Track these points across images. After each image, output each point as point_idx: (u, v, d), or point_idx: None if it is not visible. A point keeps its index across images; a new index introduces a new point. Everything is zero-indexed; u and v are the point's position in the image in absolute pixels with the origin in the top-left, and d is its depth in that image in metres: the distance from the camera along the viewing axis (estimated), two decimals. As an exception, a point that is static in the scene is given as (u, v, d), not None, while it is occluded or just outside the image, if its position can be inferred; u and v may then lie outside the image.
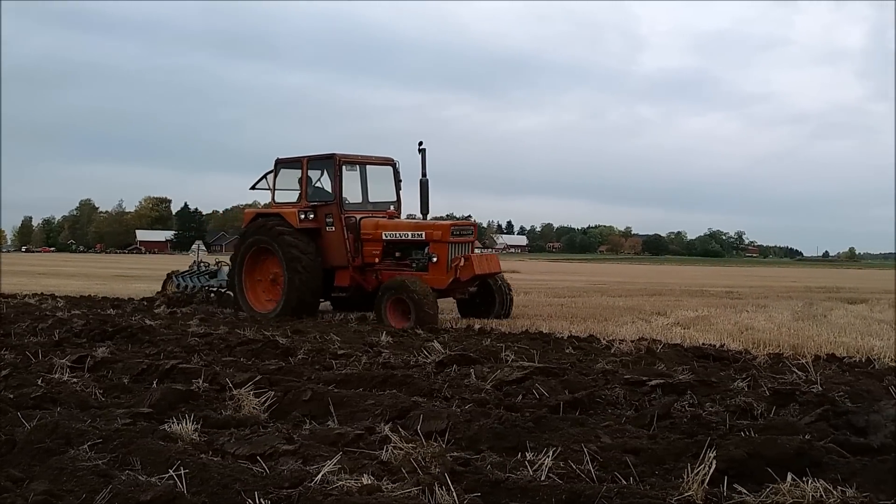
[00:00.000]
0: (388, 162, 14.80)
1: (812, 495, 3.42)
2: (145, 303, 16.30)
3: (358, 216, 13.98)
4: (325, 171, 14.34)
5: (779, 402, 5.59)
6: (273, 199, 14.69)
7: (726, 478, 3.76)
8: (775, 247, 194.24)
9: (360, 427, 4.91)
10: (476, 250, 14.47)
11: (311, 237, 13.82)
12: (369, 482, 3.67)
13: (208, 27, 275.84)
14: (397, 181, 14.88)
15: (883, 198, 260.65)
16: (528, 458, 4.18)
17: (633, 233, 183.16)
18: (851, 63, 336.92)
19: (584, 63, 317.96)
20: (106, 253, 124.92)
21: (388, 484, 3.68)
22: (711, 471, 3.66)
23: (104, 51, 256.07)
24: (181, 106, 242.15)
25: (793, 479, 3.55)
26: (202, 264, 18.40)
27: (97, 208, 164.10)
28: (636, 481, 3.94)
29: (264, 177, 14.81)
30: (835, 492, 3.45)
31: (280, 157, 14.50)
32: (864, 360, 8.77)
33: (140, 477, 3.86)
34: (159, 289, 18.60)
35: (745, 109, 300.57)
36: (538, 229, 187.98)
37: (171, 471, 3.89)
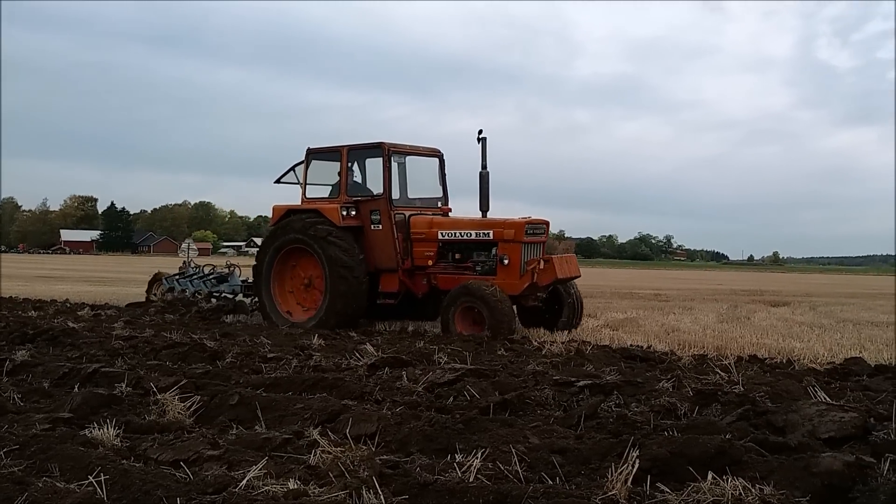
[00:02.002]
0: (435, 153, 13.46)
1: (731, 493, 3.51)
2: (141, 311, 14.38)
3: (406, 213, 12.64)
4: (356, 163, 13.19)
5: (701, 401, 5.72)
6: (304, 193, 13.22)
7: (650, 476, 3.84)
8: (702, 250, 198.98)
9: (288, 431, 4.86)
10: None
11: (355, 237, 12.50)
12: (296, 487, 3.63)
13: (138, 23, 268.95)
14: (443, 175, 13.52)
15: (807, 202, 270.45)
16: (457, 460, 4.19)
17: (566, 236, 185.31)
18: (778, 71, 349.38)
19: (521, 67, 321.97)
20: (29, 253, 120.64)
21: (314, 488, 3.65)
22: (635, 470, 3.73)
23: (31, 45, 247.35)
24: (110, 102, 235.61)
25: (713, 478, 3.63)
26: (196, 266, 16.49)
27: (20, 207, 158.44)
28: (562, 481, 3.99)
29: (292, 169, 13.41)
30: (753, 490, 3.54)
31: (311, 147, 13.17)
32: (784, 361, 9.04)
33: (58, 484, 3.76)
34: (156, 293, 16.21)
35: (676, 115, 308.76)
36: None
37: (90, 477, 3.80)
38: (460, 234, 12.42)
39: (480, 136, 12.66)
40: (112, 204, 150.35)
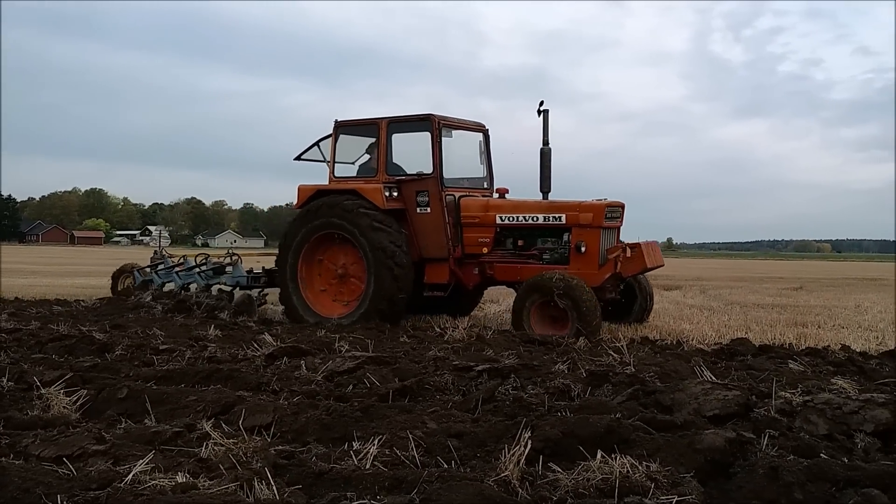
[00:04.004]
0: (480, 128, 12.19)
1: (619, 471, 3.61)
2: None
3: (456, 195, 11.36)
4: (381, 139, 11.53)
5: (594, 383, 5.86)
6: (332, 172, 11.82)
7: (542, 457, 3.91)
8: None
9: (179, 424, 4.72)
10: None
11: (398, 221, 11.22)
12: (185, 480, 3.53)
13: (27, 2, 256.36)
14: (488, 151, 12.23)
15: (699, 191, 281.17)
16: (354, 448, 4.17)
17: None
18: (675, 65, 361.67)
19: (429, 57, 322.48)
20: None
21: (205, 481, 3.56)
22: (527, 450, 3.79)
23: None
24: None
25: (602, 457, 3.72)
26: (172, 256, 14.60)
27: None
28: (458, 464, 4.02)
29: (317, 144, 12.05)
30: (640, 467, 3.65)
31: (340, 120, 11.76)
32: (674, 342, 9.35)
33: (-73, 486, 3.54)
34: (129, 287, 14.42)
35: (578, 107, 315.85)
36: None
37: (-36, 477, 3.60)
38: (524, 218, 11.06)
39: (541, 109, 11.31)
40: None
